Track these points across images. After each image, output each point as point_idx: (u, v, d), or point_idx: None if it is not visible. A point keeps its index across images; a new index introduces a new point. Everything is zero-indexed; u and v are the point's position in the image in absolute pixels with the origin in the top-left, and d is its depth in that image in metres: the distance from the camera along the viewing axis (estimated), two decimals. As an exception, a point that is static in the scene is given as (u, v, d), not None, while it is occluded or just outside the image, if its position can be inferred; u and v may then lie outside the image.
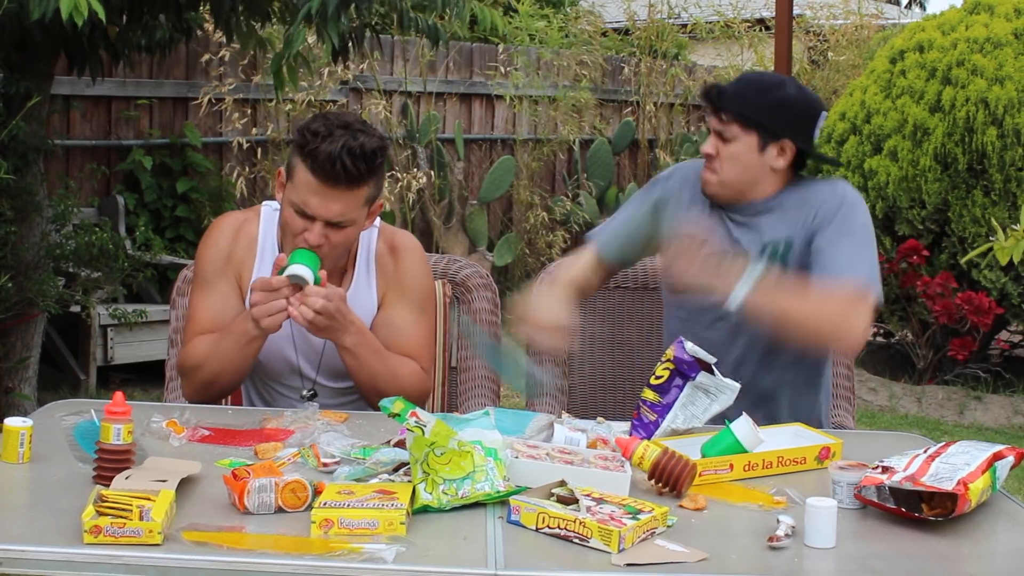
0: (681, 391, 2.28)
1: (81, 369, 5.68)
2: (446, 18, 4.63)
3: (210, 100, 6.61)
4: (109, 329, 5.65)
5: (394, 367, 2.53)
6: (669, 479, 2.00)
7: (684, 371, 2.27)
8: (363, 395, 2.57)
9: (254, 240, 2.62)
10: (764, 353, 2.62)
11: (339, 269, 2.59)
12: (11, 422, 2.03)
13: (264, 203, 2.68)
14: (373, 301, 2.62)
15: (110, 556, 1.66)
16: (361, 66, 7.37)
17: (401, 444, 2.08)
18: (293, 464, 2.06)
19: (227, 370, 2.50)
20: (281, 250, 2.58)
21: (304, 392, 2.62)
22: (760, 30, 9.83)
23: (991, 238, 2.85)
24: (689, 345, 2.29)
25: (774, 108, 2.63)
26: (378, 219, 2.67)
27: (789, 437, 2.33)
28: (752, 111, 2.62)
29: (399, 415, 1.94)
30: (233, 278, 2.59)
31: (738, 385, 2.30)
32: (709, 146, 2.66)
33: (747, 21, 9.90)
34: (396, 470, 1.99)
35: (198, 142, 6.61)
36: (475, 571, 1.67)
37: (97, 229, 5.09)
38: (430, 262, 2.97)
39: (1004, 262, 2.81)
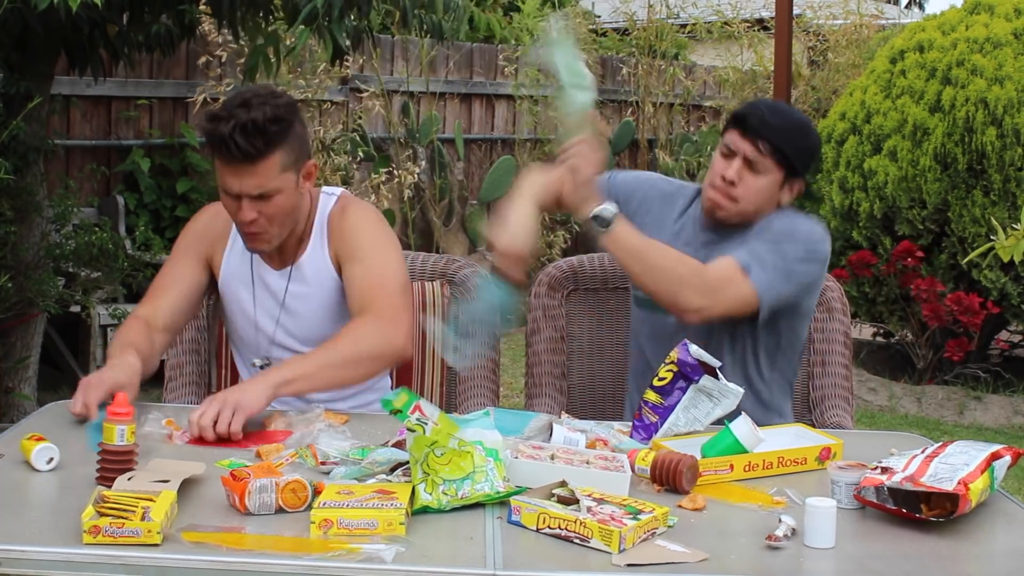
0: (684, 393, 2.28)
1: (81, 369, 5.68)
2: (447, 20, 4.63)
3: (206, 100, 6.60)
4: (109, 329, 5.65)
5: (348, 355, 2.47)
6: (667, 475, 2.01)
7: (687, 374, 2.27)
8: None
9: (229, 223, 2.65)
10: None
11: (296, 238, 2.63)
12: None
13: None
14: (327, 263, 2.64)
15: (109, 556, 1.66)
16: (359, 64, 7.37)
17: (399, 445, 2.08)
18: (291, 464, 2.06)
19: None
20: None
21: (256, 362, 2.67)
22: (758, 30, 9.82)
23: (992, 238, 2.85)
24: (693, 348, 2.29)
25: (807, 152, 2.66)
26: (341, 188, 2.71)
27: (790, 437, 2.33)
28: (793, 152, 2.61)
29: (400, 411, 1.93)
30: (202, 258, 2.70)
31: (741, 390, 2.30)
32: (733, 171, 2.60)
33: (746, 21, 9.89)
34: (392, 471, 2.00)
35: (195, 142, 6.61)
36: (474, 571, 1.67)
37: (97, 229, 5.09)
38: (429, 262, 2.98)
39: (1006, 260, 2.81)
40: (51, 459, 2.01)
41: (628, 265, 2.56)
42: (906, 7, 18.00)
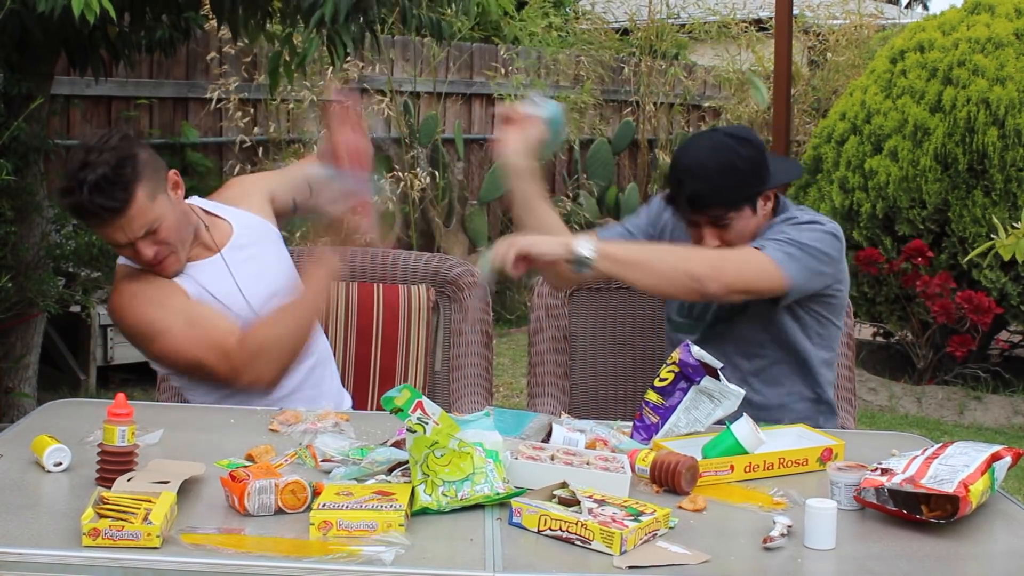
0: (685, 394, 2.27)
1: (81, 369, 5.68)
2: (451, 13, 4.60)
3: (220, 98, 6.61)
4: (109, 329, 5.65)
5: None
6: (666, 476, 2.01)
7: (689, 375, 2.27)
8: None
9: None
10: (748, 382, 2.64)
11: (200, 248, 2.66)
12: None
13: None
14: (252, 217, 2.74)
15: (108, 559, 1.65)
16: (367, 70, 7.37)
17: (398, 445, 2.08)
18: (291, 465, 2.06)
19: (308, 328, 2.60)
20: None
21: None
22: (756, 30, 9.82)
23: (992, 237, 2.85)
24: (695, 349, 2.28)
25: (750, 174, 2.58)
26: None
27: (791, 439, 2.33)
28: (738, 192, 2.57)
29: (401, 410, 1.93)
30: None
31: (742, 392, 2.29)
32: (711, 238, 2.59)
33: (745, 21, 9.89)
34: (391, 471, 1.99)
35: (197, 141, 6.61)
36: (474, 573, 1.67)
37: (97, 229, 5.08)
38: (421, 261, 3.01)
39: (1007, 258, 2.81)
40: (60, 463, 2.01)
41: (631, 279, 2.51)
42: (906, 7, 17.99)
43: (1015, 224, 2.78)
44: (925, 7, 19.73)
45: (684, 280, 2.47)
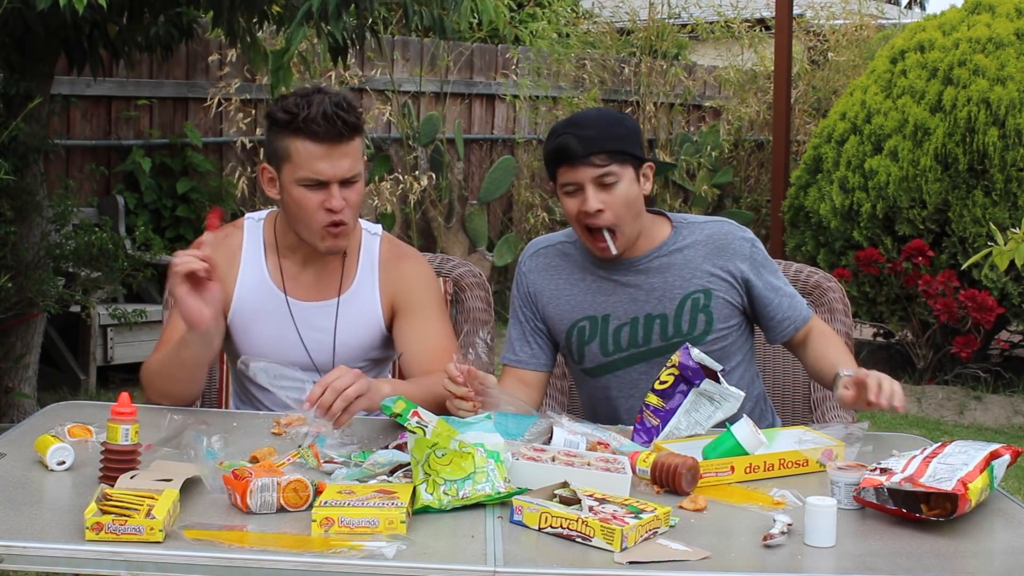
0: (685, 397, 2.27)
1: (81, 369, 5.69)
2: (447, 13, 4.61)
3: (219, 101, 6.61)
4: (109, 329, 5.66)
5: (428, 389, 2.44)
6: (667, 477, 2.01)
7: (689, 377, 2.27)
8: None
9: (236, 251, 2.63)
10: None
11: (335, 269, 2.61)
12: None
13: (247, 215, 2.70)
14: (377, 304, 2.63)
15: (111, 553, 1.66)
16: (371, 72, 7.37)
17: (400, 447, 2.09)
18: (293, 464, 2.07)
19: (180, 376, 2.49)
20: (267, 255, 2.62)
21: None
22: (760, 30, 9.82)
23: (990, 241, 2.85)
24: (695, 351, 2.29)
25: (631, 134, 2.54)
26: (380, 227, 2.72)
27: (792, 440, 2.33)
28: (623, 146, 2.49)
29: (400, 415, 1.94)
30: None
31: (742, 393, 2.29)
32: (594, 200, 2.47)
33: (747, 21, 9.89)
34: (393, 472, 2.00)
35: (199, 142, 6.62)
36: (474, 568, 1.68)
37: (97, 229, 5.09)
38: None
39: (1003, 268, 2.82)
40: (63, 461, 2.02)
41: None
42: (907, 7, 18.00)
43: (1014, 230, 2.78)
44: (922, 7, 19.72)
45: None
